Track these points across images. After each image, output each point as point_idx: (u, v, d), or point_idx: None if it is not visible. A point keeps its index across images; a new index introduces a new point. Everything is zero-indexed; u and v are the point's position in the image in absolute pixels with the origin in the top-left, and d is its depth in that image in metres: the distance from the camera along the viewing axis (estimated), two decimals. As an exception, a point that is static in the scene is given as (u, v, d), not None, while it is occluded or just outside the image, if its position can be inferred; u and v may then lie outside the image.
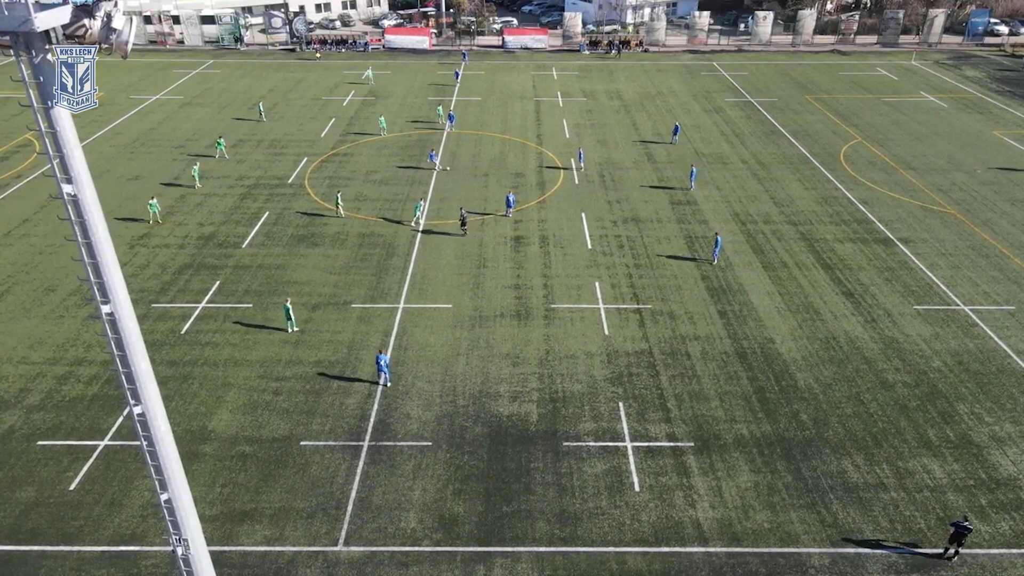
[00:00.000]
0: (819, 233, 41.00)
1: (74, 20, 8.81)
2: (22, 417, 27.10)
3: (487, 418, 27.26)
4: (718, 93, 67.83)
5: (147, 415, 10.65)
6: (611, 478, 24.54)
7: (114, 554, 21.74)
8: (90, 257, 9.30)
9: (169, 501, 11.30)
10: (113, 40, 9.16)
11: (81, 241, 9.17)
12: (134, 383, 10.33)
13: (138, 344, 10.31)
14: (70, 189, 8.95)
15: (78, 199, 9.03)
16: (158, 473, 11.12)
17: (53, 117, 8.84)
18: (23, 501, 23.51)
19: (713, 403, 28.00)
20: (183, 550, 11.94)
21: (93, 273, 9.39)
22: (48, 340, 31.45)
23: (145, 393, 10.55)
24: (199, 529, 12.09)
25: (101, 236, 9.28)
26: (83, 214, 9.08)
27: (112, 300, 9.77)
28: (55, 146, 8.87)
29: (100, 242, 9.26)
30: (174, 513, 11.48)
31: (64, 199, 9.01)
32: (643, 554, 21.79)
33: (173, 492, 11.37)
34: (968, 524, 20.76)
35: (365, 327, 32.53)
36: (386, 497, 23.78)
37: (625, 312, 33.75)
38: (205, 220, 42.45)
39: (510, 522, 22.91)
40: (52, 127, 8.91)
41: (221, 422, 26.97)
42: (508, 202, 42.89)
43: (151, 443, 10.77)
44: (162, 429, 10.95)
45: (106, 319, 9.91)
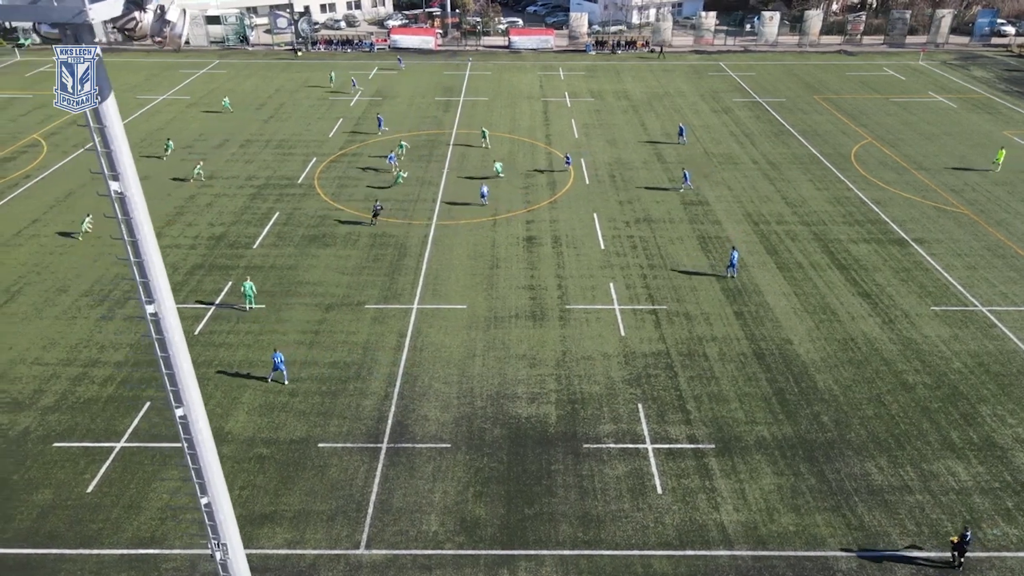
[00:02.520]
0: (833, 233, 40.79)
1: (125, 13, 8.61)
2: (37, 419, 26.88)
3: (505, 420, 27.04)
4: (726, 93, 67.64)
5: (189, 418, 10.44)
6: (633, 480, 24.32)
7: (134, 557, 21.52)
8: (135, 256, 9.09)
9: (209, 505, 11.09)
10: (167, 33, 8.96)
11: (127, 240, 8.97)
12: (177, 385, 10.12)
13: (181, 345, 10.11)
14: (117, 186, 8.75)
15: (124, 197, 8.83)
16: (199, 477, 10.90)
17: (101, 113, 8.63)
18: (40, 503, 23.29)
19: (733, 405, 27.78)
20: (222, 554, 11.74)
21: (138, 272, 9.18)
22: (61, 341, 31.24)
23: (187, 395, 10.34)
24: (237, 533, 11.89)
25: (147, 234, 9.08)
26: (129, 212, 8.88)
27: (156, 300, 9.57)
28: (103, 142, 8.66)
29: (146, 241, 9.07)
30: (213, 517, 11.27)
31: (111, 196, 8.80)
32: (668, 557, 21.58)
33: (213, 496, 11.16)
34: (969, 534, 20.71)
35: (380, 328, 32.32)
36: (407, 500, 23.56)
37: (641, 313, 33.54)
38: (215, 220, 42.24)
39: (532, 525, 22.69)
40: (100, 123, 8.69)
41: (238, 423, 26.75)
42: (482, 195, 43.98)
43: (192, 446, 10.56)
44: (204, 432, 10.74)
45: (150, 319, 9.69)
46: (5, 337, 31.43)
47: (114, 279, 35.96)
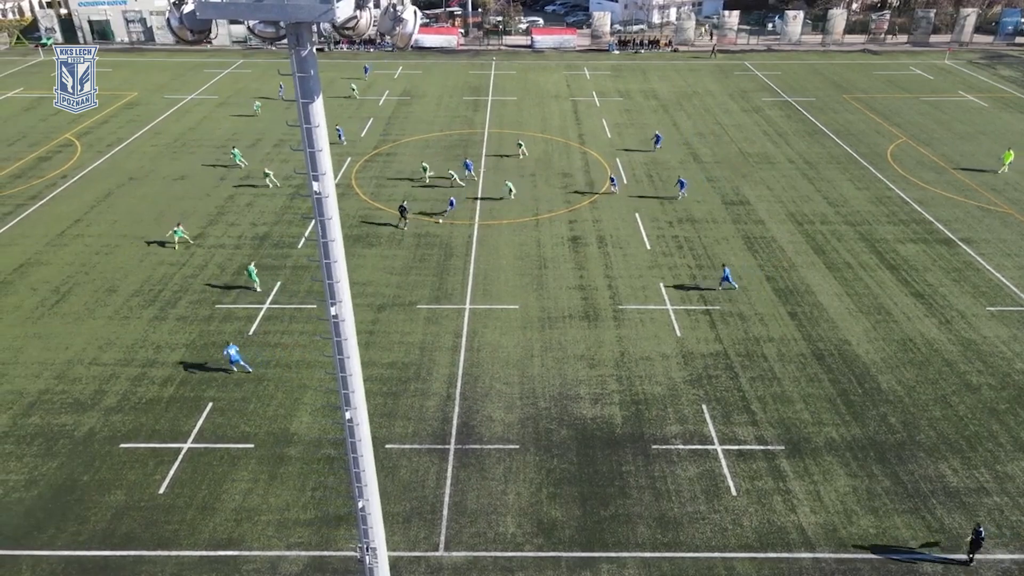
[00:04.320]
0: (878, 233, 40.57)
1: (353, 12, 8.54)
2: (101, 419, 26.82)
3: (571, 420, 26.91)
4: (754, 93, 67.40)
5: (354, 420, 10.33)
6: (706, 482, 24.18)
7: (213, 559, 21.44)
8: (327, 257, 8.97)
9: (363, 508, 10.98)
10: (398, 31, 8.86)
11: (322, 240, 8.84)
12: (348, 388, 10.00)
13: (354, 349, 9.99)
14: (317, 187, 8.63)
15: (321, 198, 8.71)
16: (358, 480, 10.79)
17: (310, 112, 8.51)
18: (113, 505, 23.22)
19: (797, 406, 27.62)
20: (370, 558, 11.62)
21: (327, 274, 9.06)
22: (117, 341, 31.18)
23: (355, 398, 10.23)
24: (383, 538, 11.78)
25: (336, 236, 8.96)
26: (325, 213, 8.76)
27: (338, 303, 9.44)
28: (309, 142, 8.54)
29: (335, 242, 8.94)
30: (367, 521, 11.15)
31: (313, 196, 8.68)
32: (751, 559, 21.43)
33: (368, 499, 11.05)
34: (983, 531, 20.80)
35: (435, 328, 32.21)
36: (480, 501, 23.44)
37: (695, 313, 33.37)
38: (257, 220, 42.17)
39: (610, 527, 22.56)
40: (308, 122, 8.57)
41: (302, 424, 26.66)
42: (467, 165, 47.07)
43: (355, 450, 10.45)
44: (366, 436, 10.62)
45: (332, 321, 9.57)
46: (60, 337, 31.39)
47: (162, 279, 35.90)
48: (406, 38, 8.96)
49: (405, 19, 8.78)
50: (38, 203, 44.04)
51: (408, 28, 8.85)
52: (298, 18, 7.78)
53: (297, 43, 8.33)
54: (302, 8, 7.67)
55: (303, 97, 8.48)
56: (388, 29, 8.91)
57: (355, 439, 10.30)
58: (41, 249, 38.66)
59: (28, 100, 63.59)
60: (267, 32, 8.62)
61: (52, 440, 25.74)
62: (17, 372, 29.21)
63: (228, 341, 30.28)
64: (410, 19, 8.79)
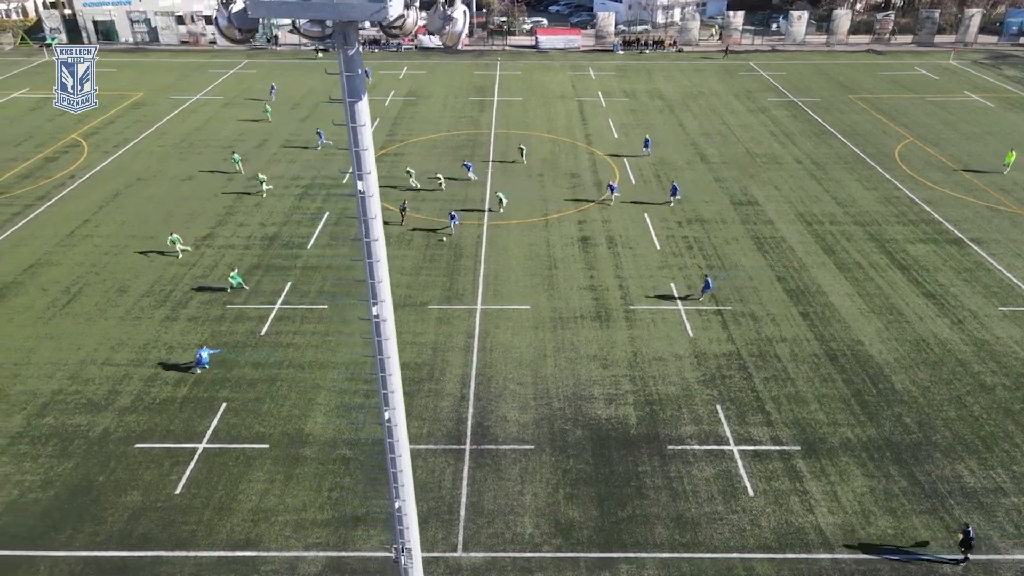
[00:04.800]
0: (888, 234, 40.55)
1: None
2: (115, 420, 26.78)
3: (585, 421, 26.89)
4: (760, 93, 67.39)
5: (393, 420, 10.30)
6: (723, 482, 24.15)
7: (231, 559, 21.40)
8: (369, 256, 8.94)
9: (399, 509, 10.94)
10: (448, 30, 8.83)
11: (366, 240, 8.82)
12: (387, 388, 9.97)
13: (395, 348, 9.97)
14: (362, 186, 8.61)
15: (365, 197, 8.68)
16: (395, 480, 10.76)
17: (357, 111, 8.48)
18: (130, 505, 23.18)
19: (812, 406, 27.59)
20: (405, 559, 11.59)
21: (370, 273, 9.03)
22: (129, 342, 31.13)
23: (394, 398, 10.20)
24: (418, 538, 11.75)
25: (379, 235, 8.94)
26: (368, 212, 8.73)
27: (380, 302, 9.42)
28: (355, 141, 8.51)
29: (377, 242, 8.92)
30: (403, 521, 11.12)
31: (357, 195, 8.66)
32: (769, 560, 21.40)
33: (404, 500, 11.02)
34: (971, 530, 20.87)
35: (447, 328, 32.18)
36: (497, 502, 23.41)
37: (706, 314, 33.35)
38: (266, 220, 42.14)
39: (628, 527, 22.53)
40: (354, 121, 8.54)
41: (317, 425, 26.62)
42: (466, 166, 47.65)
43: (393, 450, 10.42)
44: (404, 437, 10.59)
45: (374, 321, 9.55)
46: (72, 337, 31.35)
47: (172, 279, 35.86)
48: (455, 37, 8.92)
49: (455, 18, 8.74)
50: (46, 203, 43.99)
51: (458, 27, 8.82)
52: (352, 17, 7.75)
53: (345, 42, 8.31)
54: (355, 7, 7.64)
55: (350, 96, 8.45)
56: (438, 28, 8.87)
57: (393, 439, 10.27)
58: (50, 249, 38.62)
59: (34, 100, 63.54)
60: (313, 31, 8.59)
61: (67, 440, 25.71)
62: (30, 372, 29.16)
63: (203, 344, 30.26)
64: (460, 18, 8.76)
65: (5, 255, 37.95)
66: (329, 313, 33.27)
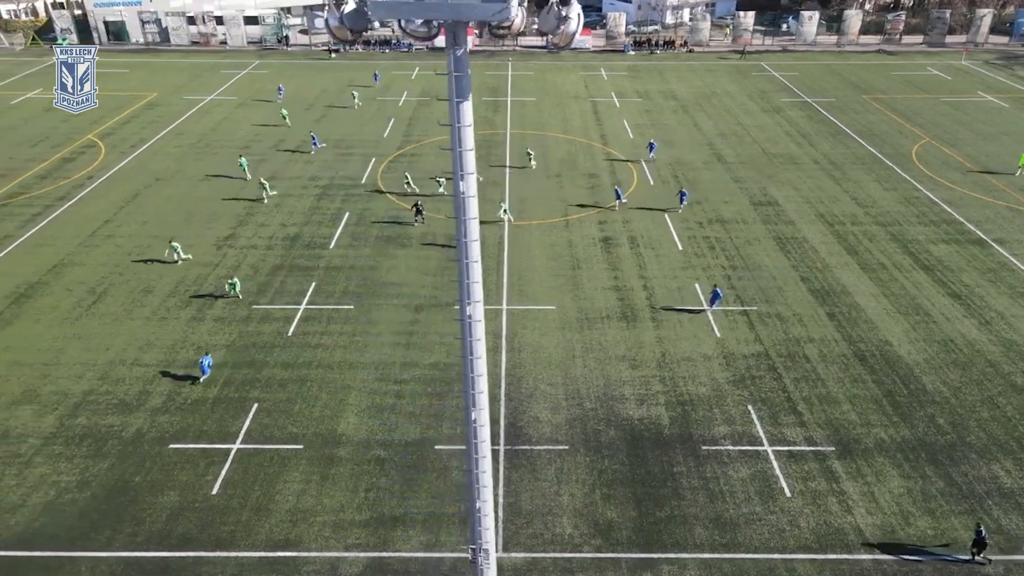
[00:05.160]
0: (910, 234, 40.53)
1: None
2: (148, 420, 26.77)
3: (618, 421, 26.87)
4: (773, 93, 67.37)
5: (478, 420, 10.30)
6: (759, 483, 24.13)
7: (272, 560, 21.39)
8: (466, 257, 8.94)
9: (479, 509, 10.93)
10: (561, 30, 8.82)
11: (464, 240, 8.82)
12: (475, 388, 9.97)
13: (483, 349, 9.96)
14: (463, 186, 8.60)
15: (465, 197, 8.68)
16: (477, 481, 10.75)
17: (462, 112, 8.48)
18: (168, 506, 23.17)
19: (844, 407, 27.57)
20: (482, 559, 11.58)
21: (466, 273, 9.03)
22: (156, 342, 31.13)
23: (481, 399, 10.20)
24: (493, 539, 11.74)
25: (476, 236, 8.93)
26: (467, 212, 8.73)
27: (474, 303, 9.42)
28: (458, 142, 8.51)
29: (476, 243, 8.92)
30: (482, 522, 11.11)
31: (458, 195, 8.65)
32: (811, 561, 21.38)
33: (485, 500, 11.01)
34: None
35: (474, 329, 32.10)
36: (535, 502, 23.40)
37: (732, 314, 33.33)
38: (287, 220, 42.13)
39: (667, 528, 22.51)
40: (459, 121, 8.54)
41: (349, 425, 26.61)
42: None
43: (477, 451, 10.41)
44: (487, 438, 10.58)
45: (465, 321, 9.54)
46: (100, 338, 31.35)
47: (196, 280, 35.85)
48: (569, 37, 8.92)
49: (571, 17, 8.74)
50: (66, 204, 44.00)
51: (572, 27, 8.81)
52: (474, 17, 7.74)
53: (454, 42, 8.29)
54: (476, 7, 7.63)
55: (457, 96, 8.43)
56: (552, 28, 8.86)
57: (478, 440, 10.27)
58: (73, 250, 38.63)
59: (47, 101, 63.45)
60: (420, 31, 8.58)
61: (101, 441, 25.70)
62: (60, 373, 29.17)
63: (208, 351, 29.62)
64: (575, 18, 8.76)
65: (28, 255, 37.97)
66: (355, 313, 33.26)
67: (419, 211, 41.00)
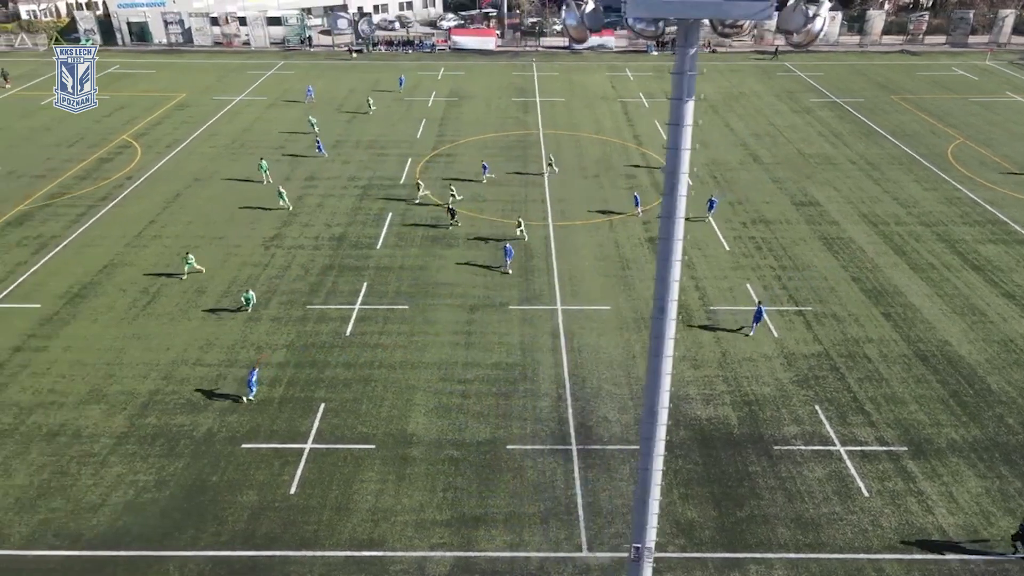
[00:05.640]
0: (955, 234, 40.53)
1: None
2: (217, 420, 26.81)
3: (686, 421, 26.88)
4: (801, 93, 67.37)
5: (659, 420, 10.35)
6: (835, 483, 24.14)
7: (359, 559, 21.42)
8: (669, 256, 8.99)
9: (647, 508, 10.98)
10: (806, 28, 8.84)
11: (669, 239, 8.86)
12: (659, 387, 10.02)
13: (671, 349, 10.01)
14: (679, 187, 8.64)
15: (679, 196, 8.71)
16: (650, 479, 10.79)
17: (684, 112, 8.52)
18: (248, 505, 23.21)
19: (911, 407, 27.57)
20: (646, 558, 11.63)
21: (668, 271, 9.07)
22: (216, 342, 31.17)
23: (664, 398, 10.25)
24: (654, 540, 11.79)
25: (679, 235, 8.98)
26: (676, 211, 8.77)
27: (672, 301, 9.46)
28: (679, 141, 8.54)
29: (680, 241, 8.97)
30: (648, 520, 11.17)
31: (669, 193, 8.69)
32: (898, 561, 21.39)
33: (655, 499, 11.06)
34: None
35: (531, 329, 32.18)
36: (614, 502, 23.42)
37: (788, 314, 33.34)
38: (331, 221, 42.18)
39: (749, 527, 22.52)
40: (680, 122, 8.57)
41: (419, 425, 26.63)
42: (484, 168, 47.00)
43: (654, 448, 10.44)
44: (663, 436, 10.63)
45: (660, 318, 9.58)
46: (159, 338, 31.40)
47: (248, 280, 35.89)
48: (813, 36, 8.93)
49: (819, 15, 8.75)
50: (109, 204, 44.06)
51: (817, 26, 8.82)
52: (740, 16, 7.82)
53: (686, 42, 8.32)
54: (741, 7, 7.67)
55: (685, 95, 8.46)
56: (797, 26, 8.88)
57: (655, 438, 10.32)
58: (121, 250, 38.68)
59: (78, 101, 63.43)
60: (648, 31, 8.60)
61: (173, 441, 25.74)
62: (124, 373, 29.22)
63: (255, 366, 28.43)
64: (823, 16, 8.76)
65: (77, 256, 38.03)
66: (410, 314, 33.28)
67: (453, 214, 40.87)
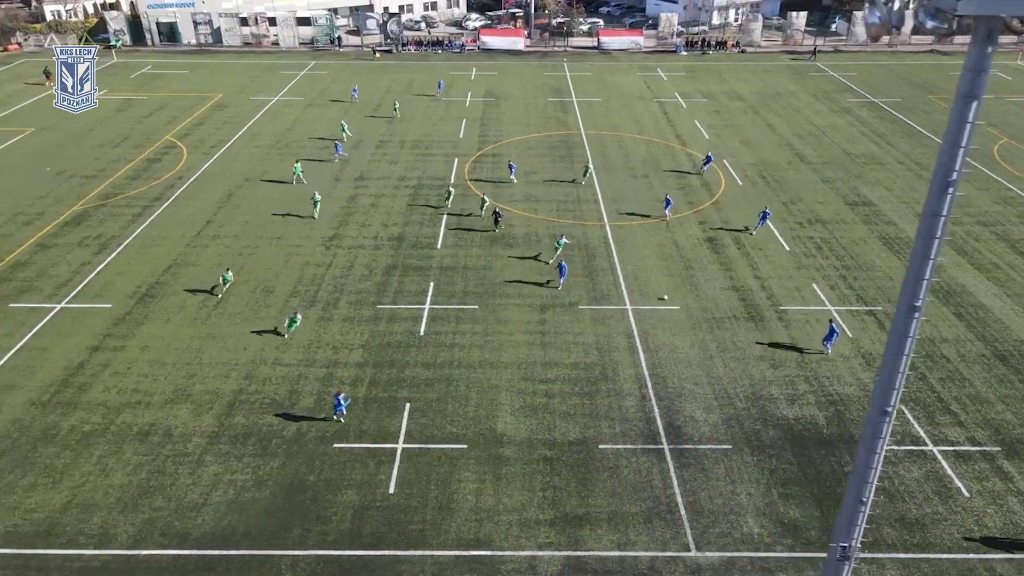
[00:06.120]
0: (1015, 234, 40.48)
1: None
2: (304, 420, 26.83)
3: (774, 421, 26.87)
4: (837, 93, 67.30)
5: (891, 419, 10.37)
6: (934, 483, 24.11)
7: (469, 558, 21.43)
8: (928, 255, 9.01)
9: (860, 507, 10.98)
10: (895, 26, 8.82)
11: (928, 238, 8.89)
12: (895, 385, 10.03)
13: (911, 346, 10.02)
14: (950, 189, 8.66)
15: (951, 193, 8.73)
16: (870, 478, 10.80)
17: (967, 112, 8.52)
18: (349, 504, 23.23)
19: (998, 407, 27.54)
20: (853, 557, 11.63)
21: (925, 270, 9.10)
22: (291, 342, 31.20)
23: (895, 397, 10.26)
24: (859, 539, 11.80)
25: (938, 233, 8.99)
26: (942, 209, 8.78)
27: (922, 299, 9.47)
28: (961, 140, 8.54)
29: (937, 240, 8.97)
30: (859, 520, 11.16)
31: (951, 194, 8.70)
32: (1009, 561, 21.36)
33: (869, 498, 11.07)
34: None
35: (604, 329, 32.18)
36: (714, 502, 23.41)
37: (859, 314, 33.31)
38: (387, 220, 42.22)
39: (854, 527, 22.44)
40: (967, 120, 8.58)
41: (508, 425, 26.64)
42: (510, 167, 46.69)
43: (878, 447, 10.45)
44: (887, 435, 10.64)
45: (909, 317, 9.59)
46: (234, 338, 31.44)
47: (313, 280, 35.93)
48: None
49: None
50: (164, 204, 44.13)
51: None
52: None
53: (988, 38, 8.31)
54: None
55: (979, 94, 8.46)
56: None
57: (882, 437, 10.33)
58: (183, 250, 38.73)
59: (117, 102, 63.76)
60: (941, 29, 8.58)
61: (265, 440, 25.78)
62: (205, 373, 29.26)
63: (340, 391, 27.11)
64: None
65: (140, 256, 38.10)
66: (481, 314, 33.29)
67: (497, 218, 40.68)
